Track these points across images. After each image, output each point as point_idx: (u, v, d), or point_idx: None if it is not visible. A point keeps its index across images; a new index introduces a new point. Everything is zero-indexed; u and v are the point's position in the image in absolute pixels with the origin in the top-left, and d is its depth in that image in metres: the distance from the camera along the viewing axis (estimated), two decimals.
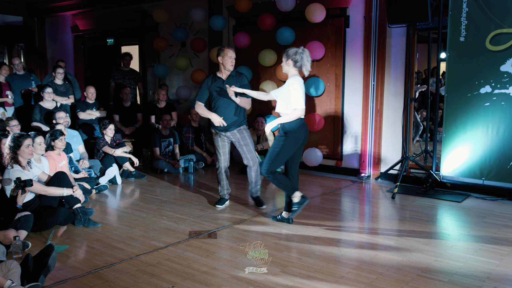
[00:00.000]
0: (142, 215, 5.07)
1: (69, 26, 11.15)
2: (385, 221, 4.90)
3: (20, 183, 4.17)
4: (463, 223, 4.93)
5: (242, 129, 5.20)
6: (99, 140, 6.79)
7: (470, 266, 3.66)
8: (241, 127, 5.20)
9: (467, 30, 5.64)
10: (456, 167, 5.87)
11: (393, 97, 6.71)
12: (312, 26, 7.20)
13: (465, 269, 3.60)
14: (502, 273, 3.53)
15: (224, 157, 5.31)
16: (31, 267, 3.22)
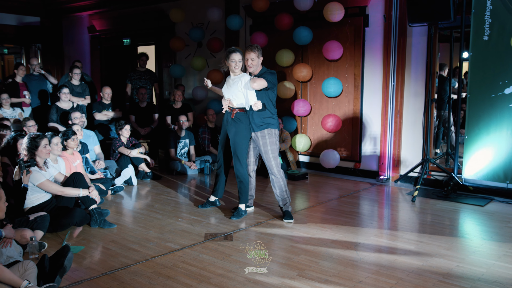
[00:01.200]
0: (158, 217, 5.11)
1: (86, 26, 11.31)
2: (404, 225, 4.85)
3: (24, 163, 4.23)
4: (486, 227, 4.85)
5: (265, 134, 4.95)
6: (115, 141, 6.86)
7: (494, 273, 3.59)
8: (265, 131, 4.94)
9: (491, 28, 5.55)
10: (479, 170, 5.78)
11: (413, 98, 6.64)
12: (330, 25, 7.17)
13: (488, 275, 3.54)
14: None
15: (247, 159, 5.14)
16: (47, 267, 3.27)
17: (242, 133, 4.92)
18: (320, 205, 5.62)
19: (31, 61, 8.31)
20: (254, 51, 4.84)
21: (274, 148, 4.96)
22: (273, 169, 4.98)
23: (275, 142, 4.97)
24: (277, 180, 5.01)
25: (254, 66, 4.86)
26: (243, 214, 5.06)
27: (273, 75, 4.92)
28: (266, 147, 4.94)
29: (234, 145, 4.96)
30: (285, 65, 7.60)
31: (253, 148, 5.14)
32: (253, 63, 4.84)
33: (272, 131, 4.95)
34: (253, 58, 4.83)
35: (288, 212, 5.00)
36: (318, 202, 5.77)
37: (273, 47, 7.87)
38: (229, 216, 5.05)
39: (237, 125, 4.90)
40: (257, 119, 4.92)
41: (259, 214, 5.20)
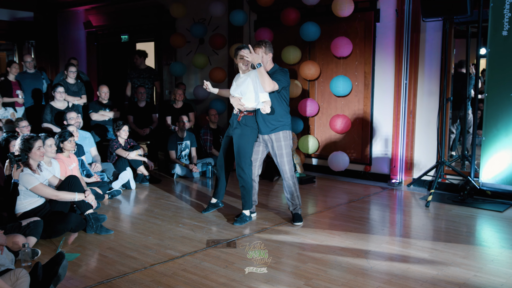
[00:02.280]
0: (157, 222, 5.11)
1: (82, 22, 11.35)
2: (418, 232, 4.83)
3: (15, 158, 4.23)
4: (505, 234, 4.82)
5: (280, 137, 4.92)
6: (112, 142, 6.87)
7: None
8: (280, 133, 4.92)
9: (511, 23, 5.53)
10: (498, 173, 5.74)
11: (427, 97, 6.62)
12: (339, 20, 7.16)
13: (508, 286, 3.51)
14: None
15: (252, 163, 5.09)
16: (41, 276, 3.27)
17: (248, 138, 4.92)
18: (328, 210, 5.60)
19: (24, 58, 8.33)
20: (260, 47, 4.84)
21: (289, 152, 4.99)
22: (286, 173, 5.00)
23: (290, 144, 5.00)
24: (289, 185, 5.04)
25: (262, 63, 4.82)
26: (247, 220, 5.06)
27: (285, 74, 4.91)
28: (281, 151, 4.94)
29: (238, 149, 4.95)
30: (292, 62, 7.60)
31: (262, 151, 5.12)
32: (262, 60, 4.83)
33: (287, 133, 4.96)
34: (260, 55, 4.82)
35: (297, 215, 5.05)
36: (326, 207, 5.75)
37: (279, 43, 7.85)
38: (232, 222, 5.04)
39: (242, 129, 4.91)
40: (271, 120, 4.90)
41: (264, 219, 5.19)
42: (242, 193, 5.08)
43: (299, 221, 5.01)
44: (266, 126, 4.93)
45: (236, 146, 4.95)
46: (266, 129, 4.93)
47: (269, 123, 4.91)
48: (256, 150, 5.10)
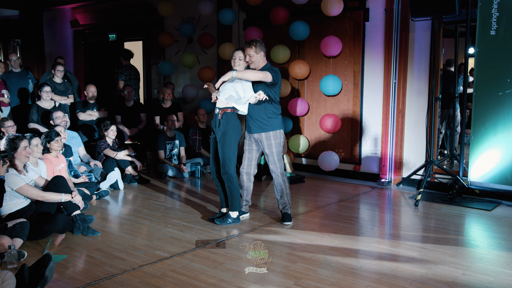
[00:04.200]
0: (146, 223, 5.09)
1: (69, 20, 11.28)
2: (407, 231, 4.87)
3: (0, 153, 4.20)
4: (493, 233, 4.87)
5: (271, 135, 4.94)
6: (100, 143, 6.83)
7: (502, 281, 3.61)
8: (271, 133, 4.92)
9: (499, 23, 5.59)
10: (486, 172, 5.80)
11: (416, 96, 6.67)
12: (329, 20, 7.18)
13: (496, 284, 3.55)
14: None
15: (247, 162, 5.14)
16: (27, 278, 3.25)
17: (230, 138, 4.86)
18: (318, 210, 5.62)
19: (9, 56, 8.25)
20: (251, 46, 4.86)
21: (280, 150, 5.00)
22: (276, 171, 5.01)
23: (280, 143, 5.00)
24: (279, 183, 5.05)
25: (254, 62, 4.88)
26: (230, 222, 4.99)
27: (276, 72, 4.89)
28: (271, 149, 4.96)
29: (222, 148, 4.88)
30: (281, 61, 7.61)
31: (255, 150, 5.12)
32: (252, 59, 4.87)
33: (277, 132, 4.97)
34: (251, 54, 4.85)
35: (287, 214, 5.06)
36: (316, 206, 5.77)
37: (268, 42, 7.82)
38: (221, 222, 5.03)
39: (225, 128, 4.84)
40: (261, 119, 4.91)
41: (253, 219, 5.19)
42: (229, 193, 4.99)
43: (288, 221, 5.03)
44: (256, 126, 4.94)
45: (220, 148, 4.89)
46: (257, 129, 4.94)
47: (259, 122, 4.92)
48: (250, 149, 5.11)
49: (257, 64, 4.91)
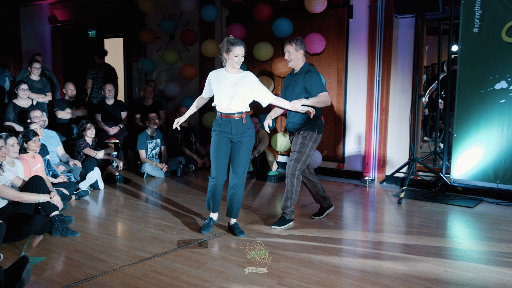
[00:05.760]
0: (127, 223, 5.07)
1: (46, 16, 11.15)
2: (390, 229, 4.92)
3: None
4: (475, 230, 4.95)
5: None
6: (79, 142, 6.78)
7: (483, 277, 3.67)
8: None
9: (482, 20, 5.67)
10: (468, 169, 5.89)
11: (400, 94, 6.74)
12: (312, 17, 7.22)
13: (477, 281, 3.61)
14: None
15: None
16: (3, 281, 3.21)
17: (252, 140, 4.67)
18: (301, 208, 5.65)
19: None
20: (291, 43, 4.78)
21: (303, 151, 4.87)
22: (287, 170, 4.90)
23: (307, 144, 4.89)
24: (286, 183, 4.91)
25: (293, 60, 4.82)
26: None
27: (318, 74, 4.85)
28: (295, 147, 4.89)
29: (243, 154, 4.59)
30: (264, 59, 7.63)
31: None
32: (291, 56, 4.81)
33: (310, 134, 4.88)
34: (290, 52, 4.79)
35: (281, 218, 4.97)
36: (299, 205, 5.80)
37: (251, 39, 7.88)
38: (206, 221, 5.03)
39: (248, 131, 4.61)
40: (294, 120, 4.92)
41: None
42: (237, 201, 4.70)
43: (276, 225, 4.89)
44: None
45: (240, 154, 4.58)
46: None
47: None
48: None
49: (295, 63, 4.83)
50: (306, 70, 4.81)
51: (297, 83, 4.83)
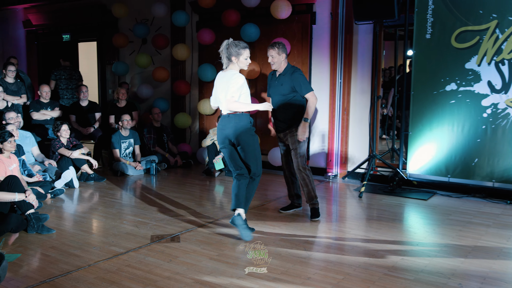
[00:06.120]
0: (101, 220, 5.00)
1: (21, 20, 10.86)
2: (352, 221, 4.99)
3: None
4: (429, 221, 5.08)
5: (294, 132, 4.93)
6: (54, 142, 6.64)
7: (436, 264, 3.77)
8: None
9: (433, 27, 5.81)
10: (423, 165, 6.03)
11: (360, 95, 6.84)
12: (278, 22, 7.25)
13: (430, 267, 3.70)
14: (467, 270, 3.66)
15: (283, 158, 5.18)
16: None
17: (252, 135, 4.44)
18: (268, 203, 5.68)
19: None
20: (274, 48, 4.86)
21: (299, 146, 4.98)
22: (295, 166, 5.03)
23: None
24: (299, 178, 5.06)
25: (276, 63, 4.89)
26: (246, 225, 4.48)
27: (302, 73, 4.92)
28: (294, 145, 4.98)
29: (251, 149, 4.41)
30: None
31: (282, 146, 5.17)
32: (274, 60, 4.88)
33: None
34: (273, 55, 4.87)
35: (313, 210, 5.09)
36: (267, 200, 5.82)
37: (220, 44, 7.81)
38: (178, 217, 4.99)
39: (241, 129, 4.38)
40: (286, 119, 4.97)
41: (207, 214, 5.18)
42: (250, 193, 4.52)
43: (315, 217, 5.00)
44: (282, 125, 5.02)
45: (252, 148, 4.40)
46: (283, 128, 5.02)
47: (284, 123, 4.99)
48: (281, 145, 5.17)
49: (278, 65, 4.91)
50: (292, 71, 4.90)
51: (283, 84, 4.90)
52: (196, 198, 5.87)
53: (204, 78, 7.92)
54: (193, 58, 8.42)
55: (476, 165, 5.67)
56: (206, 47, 8.15)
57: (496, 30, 5.44)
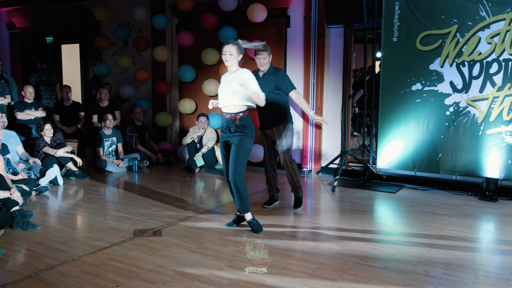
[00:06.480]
0: (85, 216, 4.91)
1: (4, 23, 10.59)
2: (326, 213, 5.02)
3: None
4: (397, 212, 5.14)
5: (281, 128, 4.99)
6: (39, 141, 6.49)
7: (404, 252, 3.82)
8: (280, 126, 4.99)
9: (400, 31, 5.87)
10: (391, 160, 6.10)
11: (332, 95, 6.88)
12: (254, 25, 7.24)
13: (399, 255, 3.75)
14: (432, 257, 3.72)
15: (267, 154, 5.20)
16: None
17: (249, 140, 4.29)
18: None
19: None
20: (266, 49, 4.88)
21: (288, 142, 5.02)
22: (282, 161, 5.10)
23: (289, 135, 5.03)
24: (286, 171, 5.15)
25: (265, 64, 4.90)
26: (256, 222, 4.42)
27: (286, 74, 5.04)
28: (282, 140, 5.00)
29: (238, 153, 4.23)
30: (210, 63, 7.58)
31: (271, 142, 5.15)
32: (265, 61, 4.89)
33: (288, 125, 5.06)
34: (265, 57, 4.89)
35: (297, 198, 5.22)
36: None
37: (199, 46, 7.82)
38: (160, 212, 4.94)
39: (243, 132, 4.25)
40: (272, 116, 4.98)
41: (187, 208, 5.15)
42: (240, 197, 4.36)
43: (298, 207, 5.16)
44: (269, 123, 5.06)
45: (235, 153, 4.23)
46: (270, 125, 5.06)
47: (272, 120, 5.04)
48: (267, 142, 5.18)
49: (267, 66, 4.94)
50: (276, 71, 4.95)
51: (268, 82, 4.92)
52: (177, 194, 5.82)
53: (184, 79, 7.86)
54: (173, 60, 8.34)
55: (440, 160, 5.77)
56: (185, 49, 8.09)
57: (457, 34, 5.54)
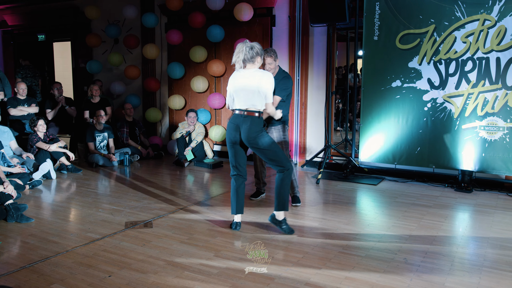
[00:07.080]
0: (78, 208, 4.87)
1: None
2: (310, 205, 5.04)
3: None
4: (378, 203, 5.19)
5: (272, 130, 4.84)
6: (32, 136, 6.40)
7: (384, 241, 3.86)
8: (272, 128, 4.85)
9: (380, 30, 5.90)
10: (372, 153, 6.15)
11: (316, 91, 6.90)
12: (241, 24, 7.21)
13: (379, 244, 3.79)
14: (411, 246, 3.77)
15: None
16: None
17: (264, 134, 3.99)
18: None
19: None
20: (271, 55, 4.64)
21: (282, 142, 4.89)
22: None
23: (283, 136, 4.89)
24: None
25: (272, 69, 4.72)
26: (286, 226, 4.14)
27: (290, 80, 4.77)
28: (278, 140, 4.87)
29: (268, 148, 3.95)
30: (198, 61, 7.55)
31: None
32: (271, 66, 4.69)
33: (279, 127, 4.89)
34: (270, 62, 4.68)
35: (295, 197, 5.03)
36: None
37: (187, 44, 7.78)
38: (151, 204, 4.92)
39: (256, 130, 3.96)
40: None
41: (178, 201, 5.13)
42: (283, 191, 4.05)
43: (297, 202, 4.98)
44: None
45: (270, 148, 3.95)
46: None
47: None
48: None
49: (275, 70, 4.77)
50: (283, 76, 4.76)
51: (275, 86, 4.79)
52: (167, 187, 5.80)
53: (173, 76, 7.81)
54: (163, 57, 8.28)
55: (419, 153, 5.83)
56: (174, 46, 8.03)
57: (434, 33, 5.58)
